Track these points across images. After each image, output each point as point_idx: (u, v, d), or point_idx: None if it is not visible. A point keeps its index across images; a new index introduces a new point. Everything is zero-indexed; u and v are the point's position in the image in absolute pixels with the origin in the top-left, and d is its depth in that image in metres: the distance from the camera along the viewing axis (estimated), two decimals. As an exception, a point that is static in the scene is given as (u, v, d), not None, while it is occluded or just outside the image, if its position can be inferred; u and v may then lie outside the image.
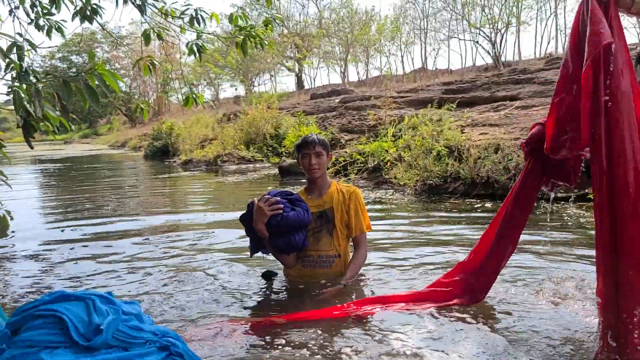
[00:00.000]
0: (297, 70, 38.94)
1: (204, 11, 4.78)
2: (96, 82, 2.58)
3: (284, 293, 3.29)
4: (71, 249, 5.02)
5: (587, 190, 6.08)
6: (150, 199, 8.78)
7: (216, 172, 13.36)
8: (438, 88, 14.78)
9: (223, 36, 6.37)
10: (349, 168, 9.52)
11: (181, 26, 4.65)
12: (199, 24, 4.81)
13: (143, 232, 5.71)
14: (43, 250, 5.00)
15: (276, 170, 11.50)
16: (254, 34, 4.87)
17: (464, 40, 34.38)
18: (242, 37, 4.86)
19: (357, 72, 39.82)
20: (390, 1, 72.97)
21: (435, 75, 27.78)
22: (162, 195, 9.43)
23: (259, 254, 3.30)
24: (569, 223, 5.23)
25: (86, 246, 5.13)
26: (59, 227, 6.25)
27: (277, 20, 5.76)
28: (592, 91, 1.78)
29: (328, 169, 9.37)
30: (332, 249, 3.24)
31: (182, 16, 4.51)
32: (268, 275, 3.48)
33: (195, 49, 4.45)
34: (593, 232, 1.96)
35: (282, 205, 2.98)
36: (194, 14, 4.52)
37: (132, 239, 5.33)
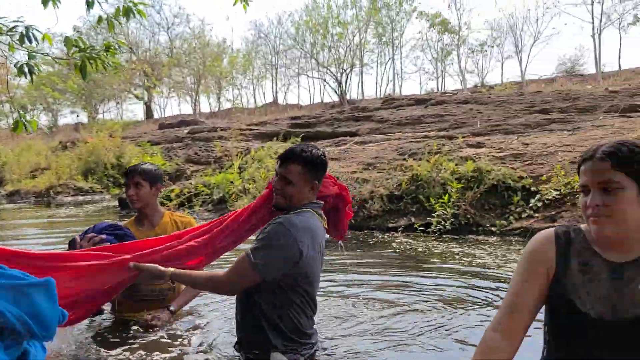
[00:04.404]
0: (146, 99, 37.58)
1: (36, 29, 4.46)
2: None
3: (113, 329, 3.09)
4: None
5: (413, 221, 6.68)
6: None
7: (48, 204, 12.27)
8: (285, 122, 15.26)
9: (59, 57, 6.00)
10: (194, 200, 9.36)
11: (10, 44, 4.30)
12: (30, 42, 4.47)
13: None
14: None
15: (116, 202, 10.90)
16: (94, 56, 4.65)
17: (313, 77, 35.97)
18: (80, 59, 4.62)
19: (209, 104, 39.52)
20: (242, 35, 74.21)
21: (285, 109, 28.65)
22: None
23: None
24: (397, 250, 5.68)
25: None
26: None
27: (120, 46, 5.56)
28: None
29: (171, 200, 9.22)
30: (165, 283, 3.14)
31: (10, 33, 4.17)
32: (94, 313, 3.26)
33: (26, 69, 4.13)
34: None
35: (108, 243, 2.74)
36: (24, 32, 4.20)
37: None
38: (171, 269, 2.42)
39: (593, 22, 24.68)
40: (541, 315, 1.72)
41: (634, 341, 1.51)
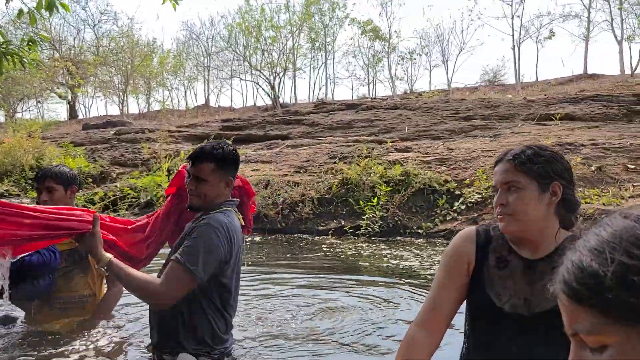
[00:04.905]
0: (69, 98, 35.87)
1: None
2: None
3: (31, 338, 2.91)
4: None
5: (344, 224, 6.77)
6: None
7: (-42, 208, 11.44)
8: (217, 124, 15.04)
9: (-29, 52, 5.61)
10: (119, 203, 9.02)
11: None
12: (-59, 33, 4.19)
13: None
14: None
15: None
16: (11, 51, 4.41)
17: (246, 80, 35.66)
18: (-5, 54, 4.37)
19: (138, 105, 38.28)
20: (173, 35, 72.53)
21: (217, 112, 28.22)
22: None
23: None
24: (327, 253, 5.73)
25: None
26: None
27: (43, 41, 5.31)
28: None
29: (94, 203, 8.85)
30: (86, 288, 3.01)
31: None
32: (4, 321, 3.07)
33: None
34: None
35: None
36: None
37: None
38: (110, 255, 2.26)
39: (513, 35, 25.97)
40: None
41: (545, 333, 1.60)
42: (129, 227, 2.63)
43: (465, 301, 1.78)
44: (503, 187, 1.65)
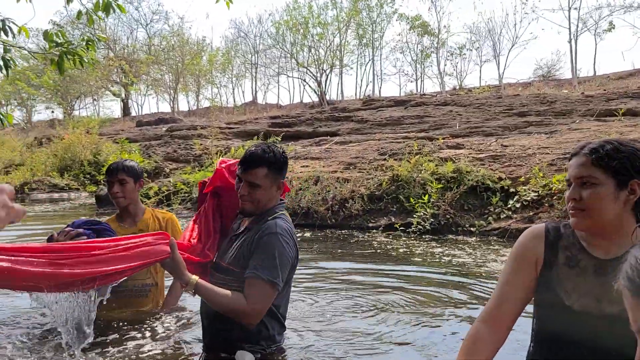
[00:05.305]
0: (123, 95, 37.06)
1: (13, 22, 4.37)
2: None
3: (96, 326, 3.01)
4: None
5: (394, 221, 6.73)
6: None
7: (22, 200, 12.02)
8: (265, 121, 15.22)
9: (36, 52, 5.89)
10: (172, 197, 9.27)
11: (-16, 36, 4.21)
12: (6, 35, 4.38)
13: None
14: None
15: (93, 200, 10.73)
16: (72, 51, 4.56)
17: (293, 77, 35.91)
18: (57, 53, 4.53)
19: (188, 102, 39.16)
20: (222, 33, 73.76)
21: (264, 109, 28.56)
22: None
23: None
24: (378, 250, 5.70)
25: None
26: None
27: (100, 40, 5.46)
28: None
29: (149, 197, 9.12)
30: (148, 277, 3.11)
31: (-15, 25, 4.09)
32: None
33: (1, 62, 4.04)
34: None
35: (85, 237, 2.63)
36: (0, 24, 4.11)
37: None
38: (196, 277, 2.22)
39: (570, 28, 25.15)
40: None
41: (615, 334, 1.54)
42: (188, 240, 2.55)
43: (532, 300, 1.74)
44: (577, 182, 1.60)
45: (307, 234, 6.73)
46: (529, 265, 1.70)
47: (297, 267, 2.48)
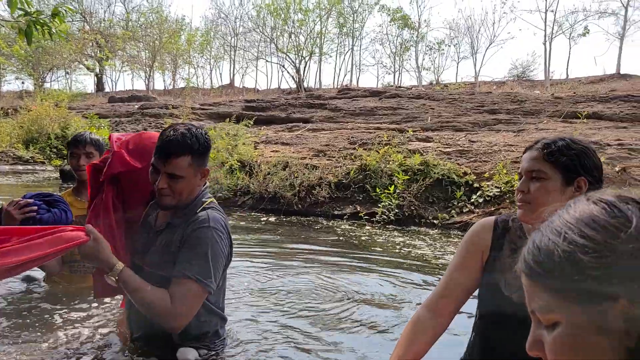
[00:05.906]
0: (97, 70, 36.30)
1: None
2: None
3: (49, 300, 2.96)
4: None
5: (358, 210, 6.78)
6: None
7: (-16, 172, 11.73)
8: (240, 104, 15.11)
9: (3, 19, 5.73)
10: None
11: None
12: (-25, 3, 4.25)
13: None
14: None
15: (58, 174, 10.53)
16: (41, 21, 4.45)
17: (271, 62, 35.67)
18: (26, 23, 4.42)
19: (164, 81, 38.66)
20: (202, 13, 72.61)
21: (241, 92, 28.31)
22: None
23: None
24: (340, 237, 5.75)
25: None
26: None
27: (67, 11, 5.33)
28: None
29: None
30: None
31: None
32: (27, 280, 3.16)
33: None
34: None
35: (35, 207, 2.53)
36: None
37: None
38: (122, 264, 1.95)
39: (545, 30, 25.51)
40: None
41: None
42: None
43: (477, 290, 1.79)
44: (527, 175, 1.64)
45: (272, 219, 6.74)
46: (475, 254, 1.76)
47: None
